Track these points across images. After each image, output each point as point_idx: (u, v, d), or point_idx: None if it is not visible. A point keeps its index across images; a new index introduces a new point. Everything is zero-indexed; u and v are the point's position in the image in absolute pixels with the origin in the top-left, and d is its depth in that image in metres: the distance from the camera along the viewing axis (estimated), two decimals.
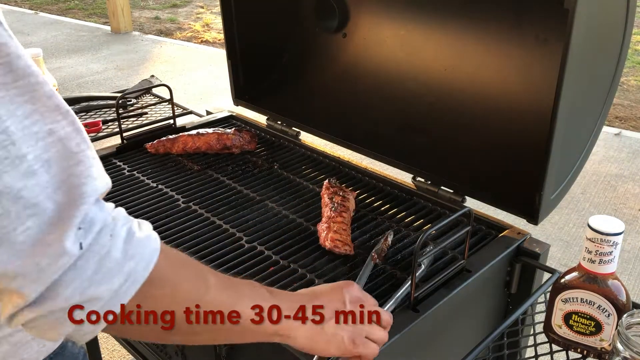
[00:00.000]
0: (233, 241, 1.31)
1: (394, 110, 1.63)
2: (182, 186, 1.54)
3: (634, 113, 4.60)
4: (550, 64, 1.16)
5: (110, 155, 1.71)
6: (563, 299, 1.00)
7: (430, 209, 1.45)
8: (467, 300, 1.19)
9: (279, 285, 1.15)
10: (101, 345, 2.10)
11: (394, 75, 1.63)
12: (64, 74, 5.31)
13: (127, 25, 6.76)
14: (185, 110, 2.05)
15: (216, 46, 6.40)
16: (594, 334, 0.99)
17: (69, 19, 7.42)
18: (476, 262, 1.21)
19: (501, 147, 1.41)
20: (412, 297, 1.07)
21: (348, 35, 1.72)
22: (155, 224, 1.37)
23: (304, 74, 1.90)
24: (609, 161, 3.71)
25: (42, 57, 1.84)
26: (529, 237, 1.30)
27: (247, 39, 1.88)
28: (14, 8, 7.99)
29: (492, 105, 1.43)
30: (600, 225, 0.93)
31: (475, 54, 1.43)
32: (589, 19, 1.05)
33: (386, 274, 1.20)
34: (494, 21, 1.37)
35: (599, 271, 0.95)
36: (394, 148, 1.58)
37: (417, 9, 1.53)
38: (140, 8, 8.04)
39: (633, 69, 5.52)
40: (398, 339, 1.01)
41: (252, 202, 1.47)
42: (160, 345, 1.36)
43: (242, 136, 1.73)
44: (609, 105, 1.30)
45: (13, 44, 0.57)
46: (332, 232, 1.26)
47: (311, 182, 1.57)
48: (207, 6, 8.13)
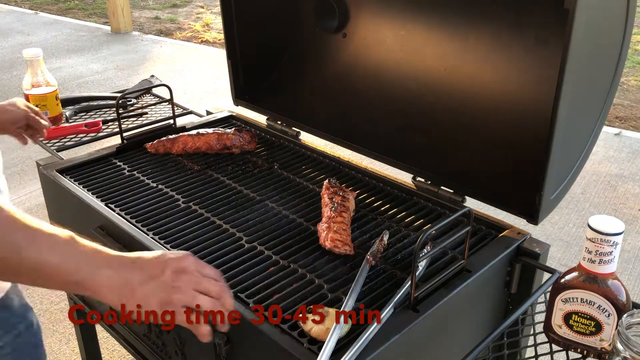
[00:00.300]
0: (233, 241, 1.31)
1: (394, 110, 1.63)
2: (182, 186, 1.54)
3: (634, 113, 4.60)
4: (550, 64, 1.16)
5: (110, 155, 1.71)
6: (563, 299, 1.00)
7: (430, 209, 1.45)
8: (467, 300, 1.19)
9: (279, 285, 1.16)
10: (101, 345, 2.10)
11: (394, 75, 1.63)
12: (64, 74, 5.31)
13: (127, 25, 6.76)
14: (185, 110, 2.05)
15: (216, 46, 6.39)
16: (594, 334, 0.99)
17: (69, 19, 7.42)
18: (476, 262, 1.21)
19: (501, 147, 1.41)
20: (412, 297, 1.07)
21: (348, 35, 1.72)
22: (155, 224, 1.37)
23: (304, 74, 1.90)
24: (609, 161, 3.71)
25: (42, 57, 1.84)
26: (529, 237, 1.30)
27: (247, 39, 1.88)
28: (14, 8, 7.99)
29: (492, 105, 1.43)
30: (600, 225, 0.93)
31: (475, 54, 1.43)
32: (589, 19, 1.05)
33: (386, 274, 1.20)
34: (494, 21, 1.37)
35: (599, 271, 0.95)
36: (394, 148, 1.58)
37: (417, 9, 1.53)
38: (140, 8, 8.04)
39: (633, 69, 5.52)
40: (398, 339, 1.01)
41: (252, 202, 1.47)
42: (161, 345, 1.36)
43: (242, 136, 1.73)
44: (609, 105, 1.30)
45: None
46: (332, 232, 1.26)
47: (311, 182, 1.57)
48: (207, 6, 8.13)
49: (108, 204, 1.45)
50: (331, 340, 0.98)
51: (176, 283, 0.85)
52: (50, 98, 1.82)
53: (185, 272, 0.87)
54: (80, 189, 1.51)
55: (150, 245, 1.28)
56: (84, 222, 1.47)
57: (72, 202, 1.51)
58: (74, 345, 2.26)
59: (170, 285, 0.85)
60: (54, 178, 1.56)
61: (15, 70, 5.38)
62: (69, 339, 2.33)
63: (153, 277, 0.85)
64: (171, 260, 0.87)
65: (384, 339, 1.00)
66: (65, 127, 1.88)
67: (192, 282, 0.87)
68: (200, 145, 1.70)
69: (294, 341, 1.02)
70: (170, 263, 0.87)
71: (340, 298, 1.13)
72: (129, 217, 1.40)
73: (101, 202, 1.45)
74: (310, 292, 1.14)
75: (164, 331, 1.32)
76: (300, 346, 1.00)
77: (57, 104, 1.84)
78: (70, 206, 1.56)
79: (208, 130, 1.75)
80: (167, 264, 0.86)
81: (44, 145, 1.79)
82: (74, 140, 1.84)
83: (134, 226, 1.35)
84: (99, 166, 1.65)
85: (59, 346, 2.31)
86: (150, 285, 0.84)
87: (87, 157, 1.67)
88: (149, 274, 0.85)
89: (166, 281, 0.85)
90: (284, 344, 1.01)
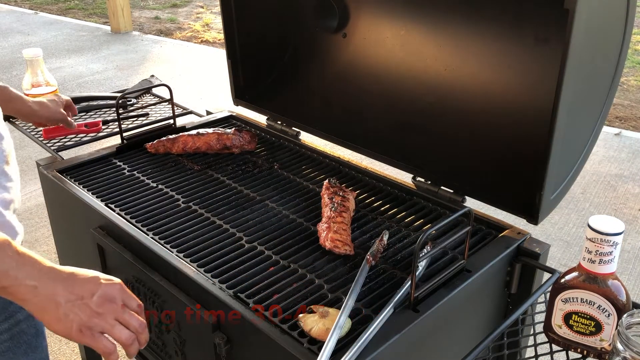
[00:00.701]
0: (233, 241, 1.31)
1: (394, 110, 1.63)
2: (182, 186, 1.54)
3: (634, 113, 4.59)
4: (550, 64, 1.16)
5: (110, 155, 1.71)
6: (563, 299, 1.00)
7: (430, 209, 1.45)
8: (467, 300, 1.19)
9: (279, 285, 1.16)
10: None
11: (394, 75, 1.63)
12: (64, 74, 5.31)
13: (127, 25, 6.76)
14: (185, 110, 2.05)
15: (216, 46, 6.39)
16: (594, 334, 0.99)
17: (69, 19, 7.42)
18: (476, 262, 1.21)
19: (501, 147, 1.41)
20: (412, 297, 1.07)
21: (348, 35, 1.72)
22: (155, 224, 1.37)
23: (304, 74, 1.90)
24: (609, 161, 3.71)
25: (42, 57, 1.84)
26: (529, 237, 1.30)
27: (247, 39, 1.88)
28: (14, 8, 7.99)
29: (492, 105, 1.43)
30: (600, 225, 0.93)
31: (475, 54, 1.43)
32: (589, 19, 1.05)
33: (386, 274, 1.20)
34: (494, 21, 1.37)
35: (599, 271, 0.95)
36: (394, 148, 1.58)
37: (417, 9, 1.53)
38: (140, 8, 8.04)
39: (633, 69, 5.52)
40: (398, 339, 1.01)
41: (252, 202, 1.47)
42: (161, 345, 1.36)
43: (242, 136, 1.73)
44: (609, 105, 1.30)
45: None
46: (332, 232, 1.26)
47: (311, 182, 1.57)
48: (207, 6, 8.13)
49: (108, 204, 1.45)
50: (331, 340, 0.98)
51: (100, 309, 0.86)
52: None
53: (112, 301, 0.88)
54: (80, 189, 1.51)
55: (150, 245, 1.28)
56: (84, 222, 1.47)
57: (72, 202, 1.51)
58: (74, 345, 2.26)
59: (94, 310, 0.86)
60: (54, 178, 1.56)
61: (15, 70, 5.38)
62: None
63: (79, 298, 0.85)
64: (102, 286, 0.88)
65: (384, 339, 1.00)
66: (65, 127, 1.88)
67: (115, 311, 0.88)
68: (200, 145, 1.70)
69: (294, 341, 1.02)
70: (100, 288, 0.88)
71: (340, 298, 1.13)
72: (129, 217, 1.40)
73: (101, 202, 1.45)
74: (310, 292, 1.14)
75: (164, 331, 1.32)
76: (300, 346, 1.00)
77: None
78: (70, 206, 1.56)
79: (208, 130, 1.75)
80: (97, 288, 0.87)
81: (44, 145, 1.79)
82: (74, 140, 1.84)
83: (134, 226, 1.35)
84: (99, 166, 1.65)
85: (59, 346, 2.31)
86: (75, 305, 0.85)
87: (87, 157, 1.67)
88: (77, 293, 0.86)
89: (91, 305, 0.86)
90: (284, 344, 1.01)
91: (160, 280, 1.25)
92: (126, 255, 1.33)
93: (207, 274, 1.19)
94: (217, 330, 1.14)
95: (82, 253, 1.57)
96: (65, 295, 0.84)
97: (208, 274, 1.19)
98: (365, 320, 1.07)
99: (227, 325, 1.13)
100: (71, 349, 2.28)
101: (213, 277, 1.18)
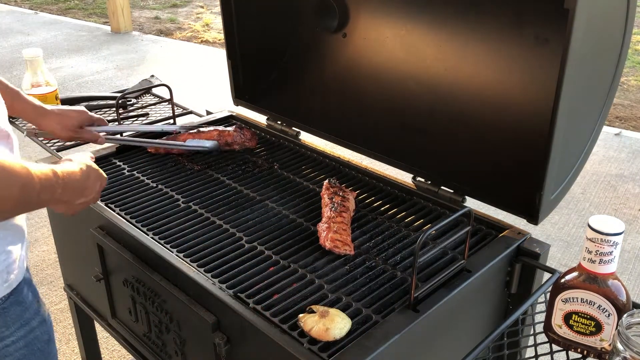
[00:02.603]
0: (233, 241, 1.31)
1: (394, 110, 1.63)
2: (182, 186, 1.54)
3: (634, 113, 4.60)
4: (550, 64, 1.16)
5: (110, 155, 1.71)
6: (563, 299, 1.00)
7: (430, 209, 1.45)
8: (467, 300, 1.19)
9: (279, 285, 1.16)
10: (101, 345, 2.10)
11: (394, 75, 1.63)
12: (64, 74, 5.31)
13: (127, 25, 6.76)
14: (185, 110, 2.05)
15: (216, 46, 6.39)
16: (594, 334, 0.99)
17: (69, 19, 7.42)
18: (476, 262, 1.21)
19: (501, 147, 1.41)
20: (412, 297, 1.07)
21: (348, 35, 1.72)
22: (155, 224, 1.37)
23: (304, 74, 1.90)
24: (609, 161, 3.71)
25: (42, 57, 1.84)
26: (529, 237, 1.30)
27: (247, 38, 1.88)
28: (14, 8, 7.99)
29: (492, 105, 1.43)
30: (600, 225, 0.93)
31: (475, 54, 1.43)
32: (589, 19, 1.05)
33: (386, 274, 1.20)
34: (494, 21, 1.37)
35: (599, 271, 0.95)
36: (394, 148, 1.58)
37: (417, 9, 1.53)
38: (140, 8, 8.04)
39: (633, 69, 5.52)
40: (398, 339, 1.01)
41: (252, 202, 1.47)
42: (161, 345, 1.36)
43: (243, 133, 1.73)
44: (609, 105, 1.30)
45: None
46: (332, 232, 1.26)
47: (311, 182, 1.57)
48: (207, 6, 8.13)
49: (108, 203, 1.45)
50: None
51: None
52: (50, 98, 1.82)
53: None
54: None
55: (150, 245, 1.28)
56: (84, 222, 1.47)
57: None
58: (74, 345, 2.26)
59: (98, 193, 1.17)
60: None
61: (15, 70, 5.37)
62: (68, 339, 2.33)
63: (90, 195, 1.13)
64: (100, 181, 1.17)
65: (384, 339, 1.00)
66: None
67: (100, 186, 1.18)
68: None
69: (294, 341, 1.02)
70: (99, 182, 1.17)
71: (340, 298, 1.13)
72: (129, 217, 1.40)
73: (101, 202, 1.45)
74: (310, 292, 1.14)
75: (164, 331, 1.32)
76: (300, 346, 1.00)
77: (57, 104, 1.84)
78: None
79: (209, 127, 1.74)
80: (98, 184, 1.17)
81: (44, 145, 1.78)
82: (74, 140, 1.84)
83: (134, 226, 1.35)
84: (99, 166, 1.64)
85: (59, 346, 2.31)
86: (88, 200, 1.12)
87: None
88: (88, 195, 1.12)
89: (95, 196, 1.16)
90: (284, 344, 1.01)
91: (160, 280, 1.25)
92: (126, 255, 1.33)
93: (207, 274, 1.19)
94: (217, 330, 1.15)
95: (82, 253, 1.57)
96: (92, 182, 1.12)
97: (208, 274, 1.19)
98: (365, 320, 1.07)
99: (227, 325, 1.13)
100: (71, 349, 2.28)
101: (213, 277, 1.18)
